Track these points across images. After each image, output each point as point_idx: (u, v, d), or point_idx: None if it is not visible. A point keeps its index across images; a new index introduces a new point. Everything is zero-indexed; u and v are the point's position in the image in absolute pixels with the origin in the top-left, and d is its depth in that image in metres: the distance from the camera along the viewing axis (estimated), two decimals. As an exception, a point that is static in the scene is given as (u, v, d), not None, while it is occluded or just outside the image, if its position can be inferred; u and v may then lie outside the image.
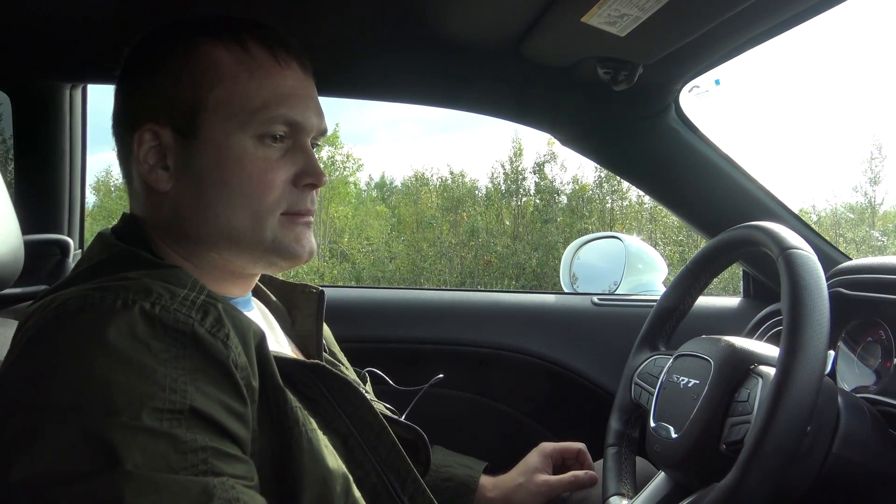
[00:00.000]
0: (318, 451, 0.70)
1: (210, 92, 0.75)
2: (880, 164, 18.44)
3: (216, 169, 0.75)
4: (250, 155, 0.75)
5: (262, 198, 0.76)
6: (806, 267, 0.77)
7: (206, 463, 0.58)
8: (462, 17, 1.10)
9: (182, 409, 0.58)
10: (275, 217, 0.77)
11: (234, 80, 0.75)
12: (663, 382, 0.95)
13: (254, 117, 0.75)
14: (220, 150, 0.75)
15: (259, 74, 0.76)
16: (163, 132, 0.76)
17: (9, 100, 1.41)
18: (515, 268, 17.84)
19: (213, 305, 0.66)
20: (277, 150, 0.77)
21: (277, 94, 0.76)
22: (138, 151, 0.76)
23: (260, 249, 0.78)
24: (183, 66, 0.76)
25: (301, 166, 0.78)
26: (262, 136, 0.76)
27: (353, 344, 1.14)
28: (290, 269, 0.85)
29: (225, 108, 0.75)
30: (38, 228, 1.40)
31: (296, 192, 0.78)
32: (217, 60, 0.76)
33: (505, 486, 1.12)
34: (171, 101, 0.76)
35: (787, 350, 0.73)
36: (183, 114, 0.75)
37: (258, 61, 0.77)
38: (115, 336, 0.59)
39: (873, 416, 0.86)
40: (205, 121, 0.75)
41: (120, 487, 0.53)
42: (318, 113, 0.81)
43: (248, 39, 0.77)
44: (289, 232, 0.79)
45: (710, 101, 1.35)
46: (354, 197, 21.26)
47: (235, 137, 0.75)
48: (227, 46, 0.76)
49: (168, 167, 0.77)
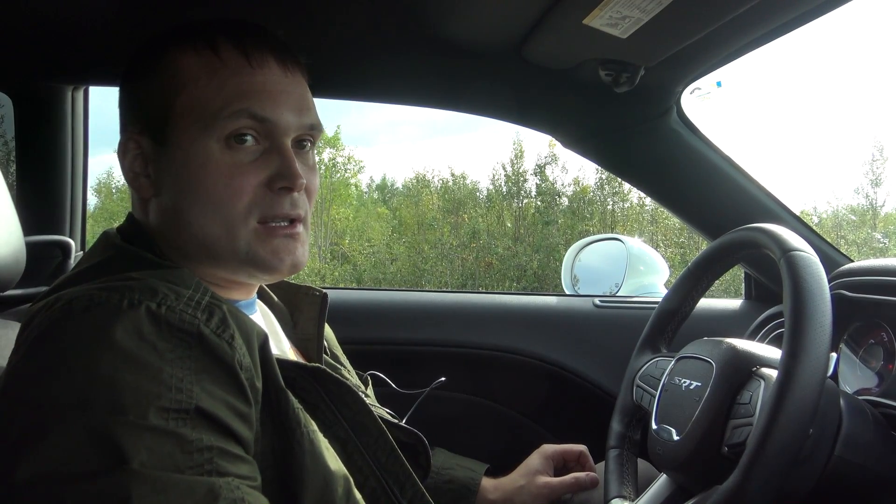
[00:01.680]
0: (320, 452, 0.70)
1: (176, 97, 0.75)
2: (882, 165, 18.44)
3: (184, 175, 0.74)
4: (216, 159, 0.73)
5: (232, 204, 0.73)
6: (808, 269, 0.77)
7: (212, 463, 0.58)
8: (463, 20, 1.10)
9: (188, 409, 0.59)
10: (248, 226, 0.74)
11: (195, 83, 0.74)
12: (665, 384, 0.94)
13: (216, 118, 0.73)
14: (187, 156, 0.74)
15: (224, 74, 0.74)
16: (142, 140, 0.77)
17: (10, 101, 1.42)
18: (517, 269, 17.83)
19: (218, 306, 0.67)
20: (249, 153, 0.74)
21: (241, 91, 0.74)
22: (124, 160, 0.78)
23: (235, 261, 0.76)
24: (155, 74, 0.76)
25: (275, 169, 0.75)
26: (227, 137, 0.73)
27: (355, 346, 1.14)
28: (273, 281, 0.83)
29: (189, 112, 0.74)
30: (39, 230, 1.40)
31: (270, 196, 0.75)
32: (185, 66, 0.75)
33: (506, 488, 1.11)
34: (145, 109, 0.77)
35: (789, 352, 0.72)
36: (156, 121, 0.76)
37: (225, 61, 0.75)
38: (122, 336, 0.59)
39: (875, 418, 0.86)
40: (173, 127, 0.74)
41: (126, 487, 0.54)
42: (297, 109, 0.77)
43: (221, 41, 0.76)
44: (264, 244, 0.75)
45: (712, 103, 1.35)
46: (355, 199, 21.29)
47: (200, 142, 0.73)
48: (197, 51, 0.76)
49: (150, 175, 0.77)
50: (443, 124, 46.82)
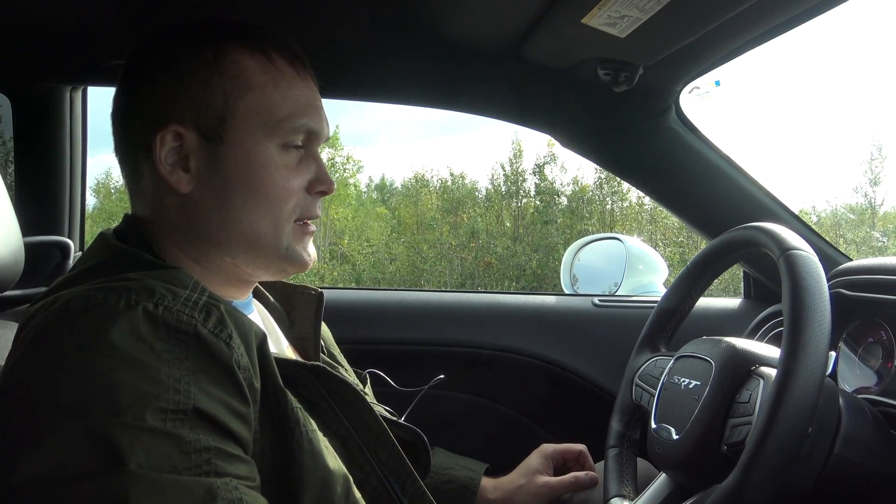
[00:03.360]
0: (319, 451, 0.70)
1: (240, 100, 0.76)
2: (880, 164, 18.47)
3: (243, 174, 0.77)
4: (275, 162, 0.78)
5: (283, 204, 0.78)
6: (807, 268, 0.77)
7: (210, 463, 0.58)
8: (462, 19, 1.10)
9: (185, 410, 0.59)
10: (290, 224, 0.80)
11: (262, 90, 0.77)
12: (664, 384, 0.94)
13: (280, 126, 0.77)
14: (248, 157, 0.77)
15: (283, 85, 0.79)
16: (188, 134, 0.76)
17: (9, 102, 1.42)
18: (516, 269, 17.85)
19: (216, 306, 0.66)
20: (295, 157, 0.80)
21: (299, 104, 0.79)
22: (160, 152, 0.75)
23: (275, 256, 0.80)
24: (212, 71, 0.76)
25: (314, 174, 0.81)
26: (285, 144, 0.78)
27: (354, 345, 1.14)
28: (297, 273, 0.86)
29: (254, 116, 0.77)
30: (38, 230, 1.40)
31: (309, 198, 0.81)
32: (246, 69, 0.77)
33: (506, 487, 1.12)
34: (198, 105, 0.76)
35: (789, 351, 0.72)
36: (211, 119, 0.76)
37: (282, 72, 0.79)
38: (119, 336, 0.59)
39: (875, 416, 0.86)
40: (233, 127, 0.76)
41: (124, 487, 0.54)
42: (327, 123, 0.84)
43: (271, 50, 0.79)
44: (300, 240, 0.81)
45: (711, 102, 1.35)
46: (354, 199, 21.28)
47: (262, 145, 0.77)
48: (253, 56, 0.78)
49: (189, 169, 0.76)
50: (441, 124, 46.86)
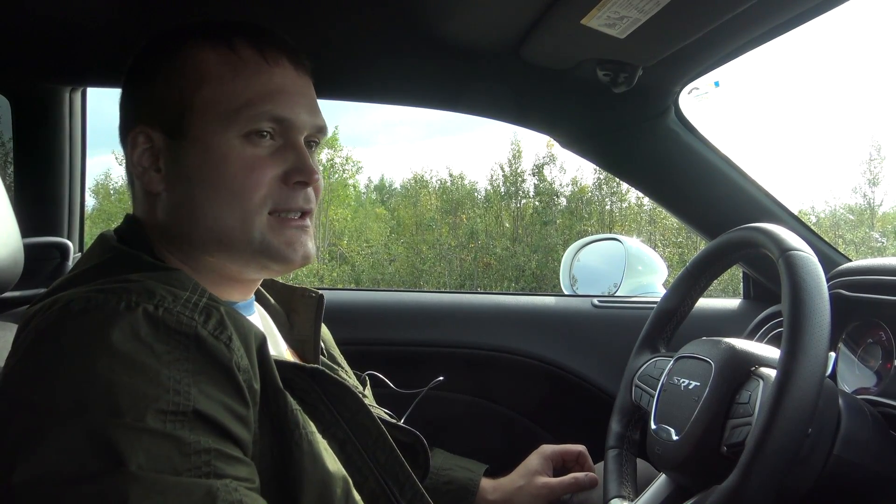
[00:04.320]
0: (318, 453, 0.70)
1: (196, 92, 0.76)
2: (879, 165, 18.50)
3: (203, 168, 0.75)
4: (236, 153, 0.75)
5: (249, 196, 0.75)
6: (806, 268, 0.77)
7: (210, 465, 0.58)
8: (462, 20, 1.10)
9: (185, 411, 0.58)
10: (262, 216, 0.76)
11: (219, 80, 0.76)
12: (664, 384, 0.94)
13: (239, 115, 0.75)
14: (206, 150, 0.75)
15: (245, 73, 0.76)
16: (154, 134, 0.77)
17: (8, 103, 1.41)
18: (515, 270, 17.85)
19: (216, 308, 0.66)
20: (266, 147, 0.77)
21: (263, 91, 0.76)
22: (132, 154, 0.78)
23: (249, 251, 0.77)
24: (171, 69, 0.77)
25: (291, 163, 0.78)
26: (248, 133, 0.76)
27: (353, 347, 1.14)
28: (285, 272, 0.85)
29: (210, 107, 0.75)
30: (37, 231, 1.40)
31: (285, 189, 0.77)
32: (203, 61, 0.77)
33: (505, 488, 1.12)
34: (160, 103, 0.77)
35: (788, 352, 0.73)
36: (171, 115, 0.76)
37: (245, 60, 0.77)
38: (119, 338, 0.59)
39: (874, 417, 0.86)
40: (192, 121, 0.76)
41: (124, 489, 0.54)
42: (310, 110, 0.80)
43: (237, 40, 0.78)
44: (278, 234, 0.77)
45: (710, 102, 1.35)
46: (354, 199, 21.30)
47: (221, 136, 0.75)
48: (214, 48, 0.77)
49: (160, 169, 0.77)
50: (440, 125, 46.89)
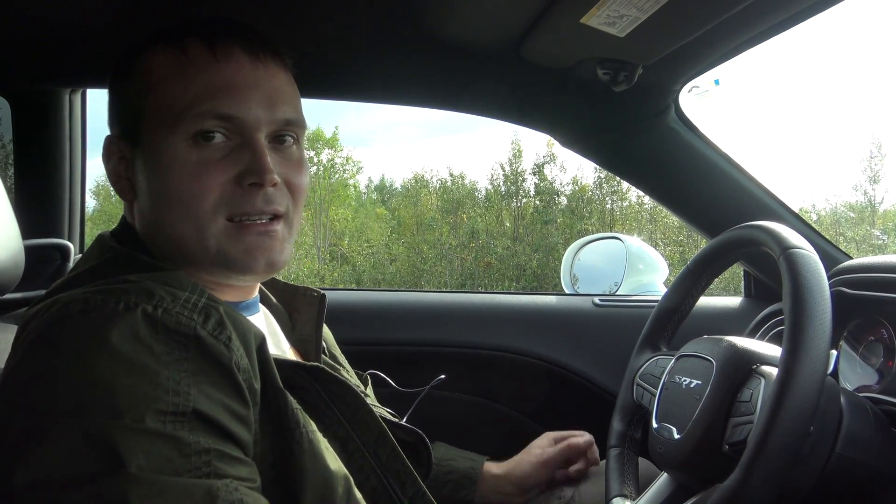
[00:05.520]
0: (319, 452, 0.69)
1: (145, 99, 0.74)
2: (880, 162, 18.48)
3: (155, 176, 0.74)
4: (182, 158, 0.72)
5: (199, 203, 0.72)
6: (807, 266, 0.77)
7: (210, 465, 0.58)
8: (461, 19, 1.10)
9: (185, 412, 0.58)
10: (217, 223, 0.73)
11: (165, 83, 0.73)
12: (665, 383, 0.94)
13: (182, 117, 0.71)
14: (156, 157, 0.73)
15: (191, 72, 0.73)
16: (121, 144, 0.77)
17: (8, 105, 1.42)
18: (516, 269, 17.85)
19: (215, 308, 0.66)
20: (217, 149, 0.73)
21: (207, 88, 0.72)
22: (108, 163, 0.78)
23: (207, 260, 0.74)
24: (129, 76, 0.77)
25: (245, 164, 0.73)
26: (194, 135, 0.72)
27: (354, 346, 1.14)
28: (252, 281, 0.81)
29: (157, 112, 0.73)
30: (38, 233, 1.40)
31: (240, 192, 0.73)
32: (155, 66, 0.75)
33: (506, 464, 1.15)
34: (119, 113, 0.78)
35: (790, 350, 0.72)
36: (130, 123, 0.76)
37: (192, 59, 0.73)
38: (118, 339, 0.59)
39: (876, 415, 0.86)
40: (144, 128, 0.74)
41: (124, 490, 0.54)
42: (268, 104, 0.74)
43: (189, 39, 0.74)
44: (236, 242, 0.73)
45: (710, 101, 1.35)
46: (354, 199, 21.29)
47: (167, 141, 0.72)
48: (165, 51, 0.75)
49: (130, 178, 0.77)
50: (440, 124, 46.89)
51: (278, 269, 0.78)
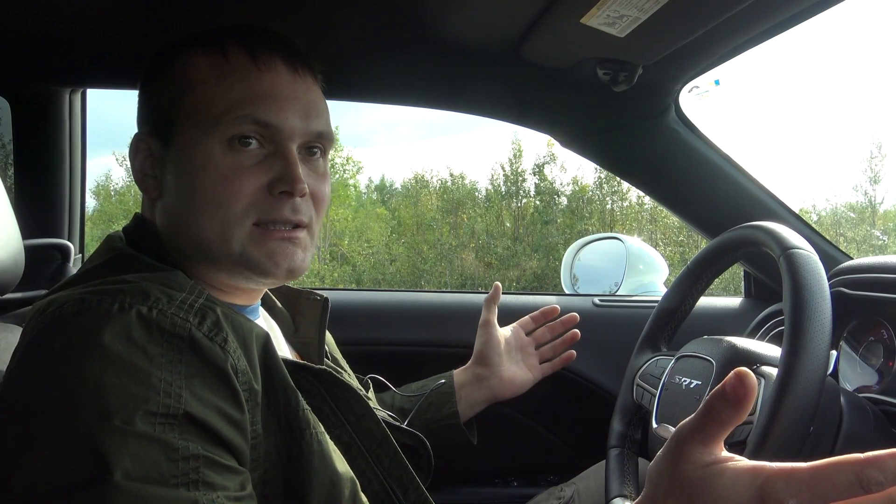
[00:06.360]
0: (328, 453, 0.69)
1: (182, 99, 0.75)
2: (880, 163, 18.50)
3: (185, 176, 0.74)
4: (216, 161, 0.72)
5: (229, 205, 0.73)
6: (807, 267, 0.77)
7: (198, 472, 0.57)
8: (461, 20, 1.10)
9: (176, 414, 0.58)
10: (244, 228, 0.74)
11: (204, 86, 0.74)
12: (665, 383, 0.94)
13: (220, 120, 0.72)
14: (189, 157, 0.74)
15: (231, 77, 0.74)
16: (151, 142, 0.77)
17: (8, 105, 1.41)
18: (516, 269, 17.84)
19: (212, 309, 0.66)
20: (252, 155, 0.74)
21: (247, 95, 0.73)
22: (134, 161, 0.78)
23: (230, 262, 0.75)
24: (165, 77, 0.77)
25: (277, 172, 0.74)
26: (230, 140, 0.73)
27: (355, 347, 1.14)
28: (272, 285, 0.82)
29: (194, 114, 0.74)
30: (38, 233, 1.40)
31: (269, 199, 0.74)
32: (193, 68, 0.76)
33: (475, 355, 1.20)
34: (154, 112, 0.78)
35: (790, 350, 0.72)
36: (162, 123, 0.76)
37: (233, 65, 0.75)
38: (111, 339, 0.59)
39: (876, 415, 0.86)
40: (178, 129, 0.75)
41: (108, 501, 0.53)
42: (304, 115, 0.76)
43: (231, 44, 0.76)
44: (260, 246, 0.74)
45: (710, 101, 1.35)
46: (354, 199, 21.31)
47: (203, 144, 0.73)
48: (207, 54, 0.76)
49: (157, 176, 0.77)
50: (440, 124, 46.91)
51: (298, 276, 0.79)
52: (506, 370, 1.19)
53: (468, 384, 1.17)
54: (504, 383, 1.18)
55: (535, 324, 1.25)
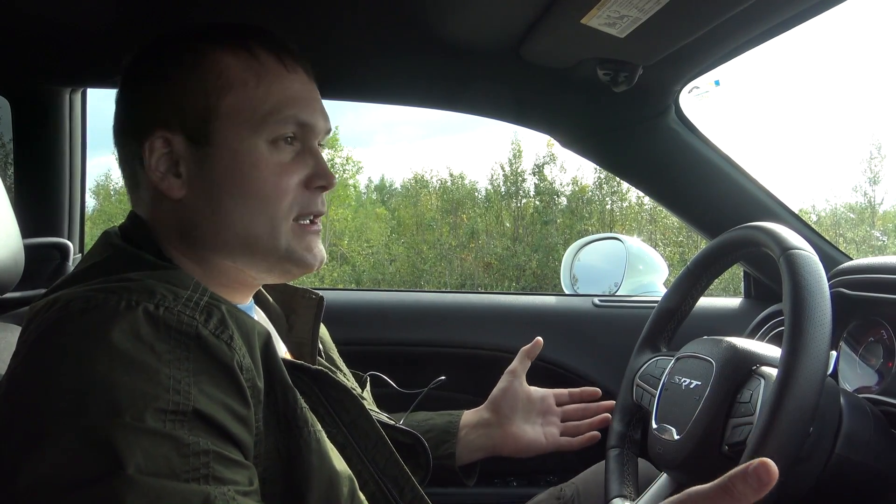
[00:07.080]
0: (326, 452, 0.69)
1: (221, 99, 0.75)
2: (880, 163, 18.51)
3: (232, 175, 0.75)
4: (265, 159, 0.76)
5: (278, 203, 0.76)
6: (807, 267, 0.77)
7: (208, 467, 0.58)
8: (462, 20, 1.10)
9: (185, 411, 0.58)
10: (288, 223, 0.77)
11: (244, 86, 0.76)
12: (665, 384, 0.94)
13: (266, 121, 0.76)
14: (235, 156, 0.75)
15: (268, 79, 0.77)
16: (175, 139, 0.76)
17: (8, 104, 1.41)
18: (516, 269, 17.86)
19: (217, 307, 0.66)
20: (289, 152, 0.78)
21: (287, 97, 0.77)
22: (150, 159, 0.76)
23: (274, 257, 0.78)
24: (193, 73, 0.76)
25: (312, 168, 0.79)
26: (275, 139, 0.76)
27: (354, 347, 1.14)
28: (303, 275, 0.85)
29: (237, 114, 0.75)
30: (38, 232, 1.40)
31: (307, 194, 0.79)
32: (227, 67, 0.76)
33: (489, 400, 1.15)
34: (181, 109, 0.76)
35: (789, 351, 0.72)
36: (195, 121, 0.75)
37: (266, 67, 0.77)
38: (119, 337, 0.59)
39: (876, 416, 0.86)
40: (217, 128, 0.75)
41: (121, 495, 0.53)
42: (324, 115, 0.82)
43: (255, 45, 0.78)
44: (300, 240, 0.79)
45: (710, 101, 1.35)
46: (354, 199, 21.30)
47: (250, 142, 0.75)
48: (234, 53, 0.77)
49: (180, 174, 0.76)
50: (440, 124, 46.92)
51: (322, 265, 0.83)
52: (515, 425, 1.12)
53: (471, 427, 1.12)
54: (507, 438, 1.11)
55: (571, 399, 1.18)
